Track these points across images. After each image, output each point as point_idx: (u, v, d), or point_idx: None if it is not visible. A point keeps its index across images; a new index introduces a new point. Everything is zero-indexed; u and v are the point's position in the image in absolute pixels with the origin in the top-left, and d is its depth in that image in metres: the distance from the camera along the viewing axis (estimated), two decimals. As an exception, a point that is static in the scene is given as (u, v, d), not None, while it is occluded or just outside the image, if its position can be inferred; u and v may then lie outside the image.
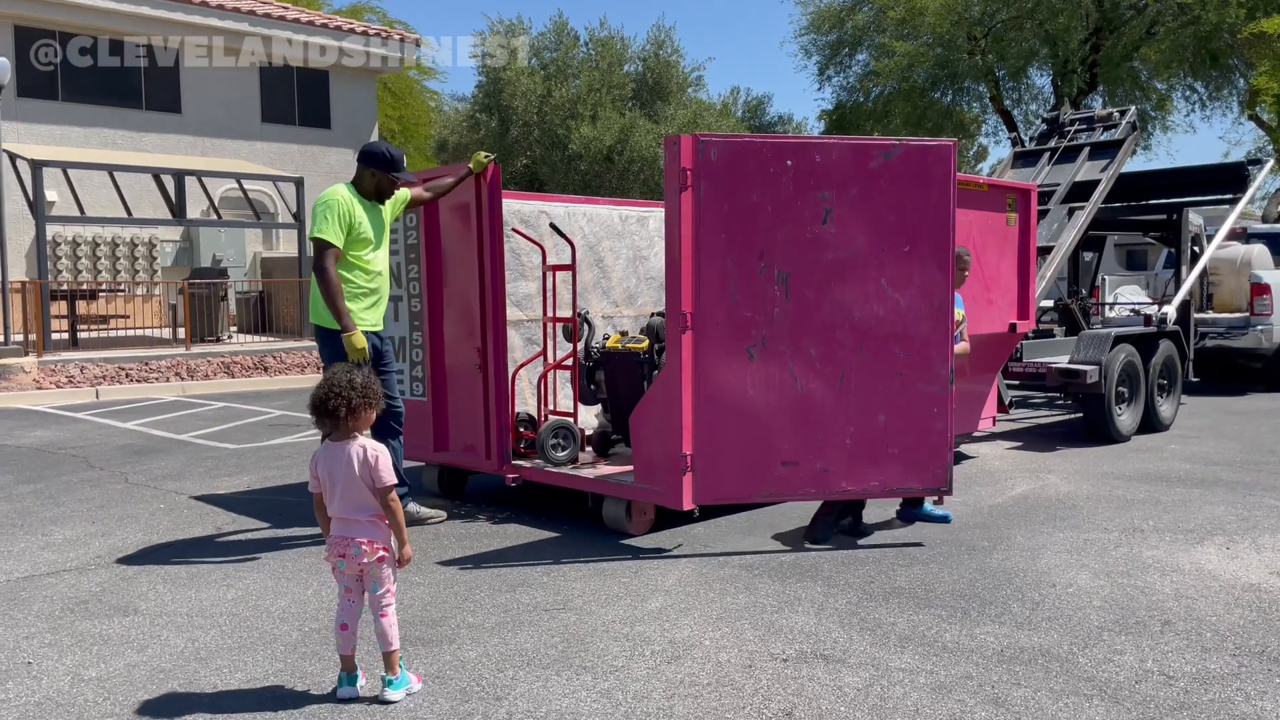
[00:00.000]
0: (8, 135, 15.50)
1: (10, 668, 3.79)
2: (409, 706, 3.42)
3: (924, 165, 5.24)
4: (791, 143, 5.36)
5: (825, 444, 5.27)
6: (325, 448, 3.56)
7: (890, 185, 5.20)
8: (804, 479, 5.29)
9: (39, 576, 4.97)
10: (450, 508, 6.28)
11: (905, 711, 3.36)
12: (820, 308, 5.22)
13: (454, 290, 6.29)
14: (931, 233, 5.24)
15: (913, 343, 5.27)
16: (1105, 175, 9.87)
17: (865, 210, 5.20)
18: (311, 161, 20.83)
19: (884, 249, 5.23)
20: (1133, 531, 5.70)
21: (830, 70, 29.20)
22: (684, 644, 3.97)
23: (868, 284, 5.24)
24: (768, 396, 5.20)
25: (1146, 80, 25.71)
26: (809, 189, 5.15)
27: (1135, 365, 8.85)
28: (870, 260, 5.23)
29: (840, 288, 5.22)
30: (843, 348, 5.24)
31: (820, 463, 5.27)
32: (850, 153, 5.21)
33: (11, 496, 6.83)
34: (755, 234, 5.14)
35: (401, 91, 32.36)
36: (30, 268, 17.05)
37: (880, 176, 5.20)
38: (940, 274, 5.26)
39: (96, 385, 12.89)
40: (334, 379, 3.51)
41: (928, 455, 5.35)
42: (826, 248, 5.20)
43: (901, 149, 5.24)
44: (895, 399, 5.27)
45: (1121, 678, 3.62)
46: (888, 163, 5.20)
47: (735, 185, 5.10)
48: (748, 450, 5.22)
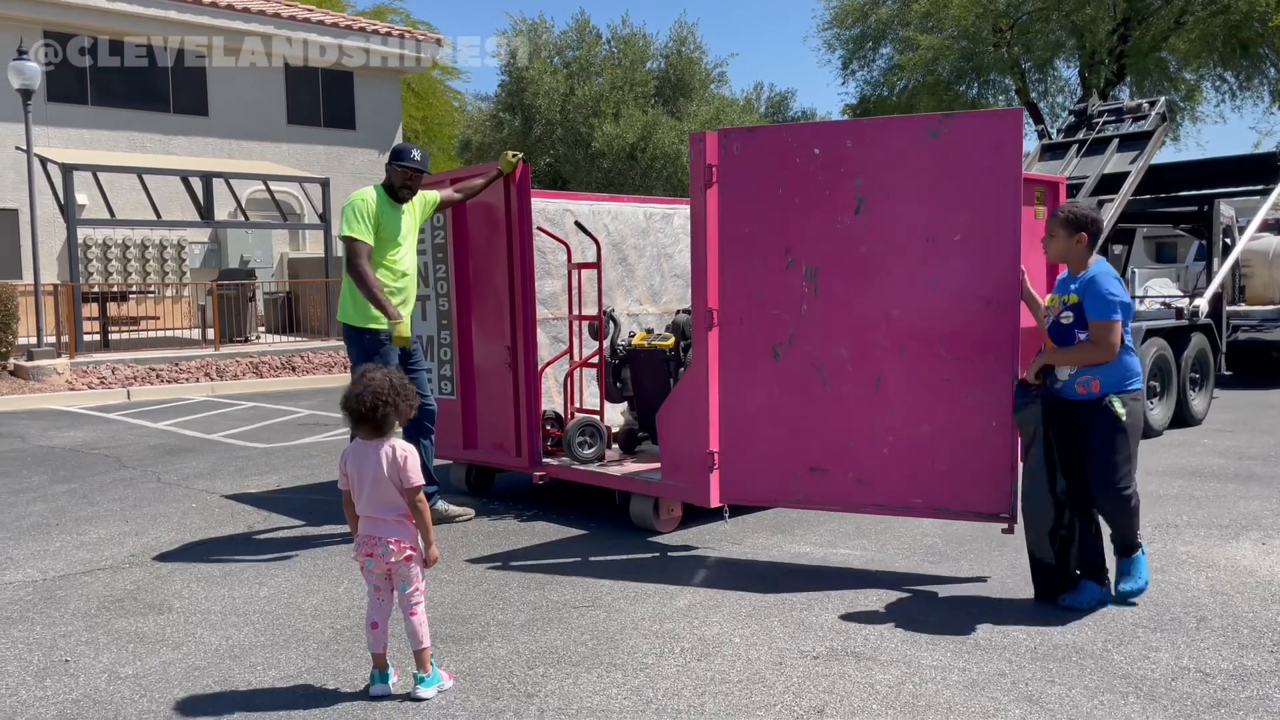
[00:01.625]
0: (38, 140, 15.70)
1: (48, 665, 3.84)
2: (441, 704, 3.43)
3: (981, 140, 4.59)
4: (819, 129, 5.01)
5: (858, 452, 4.87)
6: (355, 446, 3.59)
7: (937, 166, 4.64)
8: (836, 487, 4.94)
9: (75, 575, 5.04)
10: (479, 506, 6.31)
11: (938, 709, 3.34)
12: (852, 305, 4.83)
13: (483, 289, 6.31)
14: (992, 219, 4.58)
15: (964, 345, 4.65)
16: (1134, 167, 9.75)
17: (907, 197, 4.71)
18: (337, 162, 20.97)
19: (929, 239, 4.67)
20: (1166, 527, 5.63)
21: (854, 64, 29.06)
22: (713, 641, 3.96)
23: (908, 279, 4.74)
24: (795, 397, 4.94)
25: (1175, 71, 25.40)
26: (840, 177, 4.79)
27: (1167, 359, 8.75)
28: (911, 253, 4.72)
29: (876, 284, 4.79)
30: (878, 349, 4.79)
31: (853, 471, 4.88)
32: (888, 133, 4.77)
33: (47, 496, 6.92)
34: (782, 228, 4.92)
35: (425, 92, 32.51)
36: (62, 270, 17.28)
37: (924, 157, 4.67)
38: (1005, 267, 4.58)
39: (128, 386, 13.04)
40: (372, 383, 3.49)
41: (984, 473, 4.67)
42: (860, 240, 4.80)
43: (952, 122, 4.66)
44: (943, 408, 4.69)
45: (1157, 675, 3.59)
46: (933, 141, 4.65)
47: (760, 178, 4.97)
48: (774, 451, 5.02)
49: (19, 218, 17.55)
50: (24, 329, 13.96)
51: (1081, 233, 4.28)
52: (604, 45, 27.44)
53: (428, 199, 5.85)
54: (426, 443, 5.82)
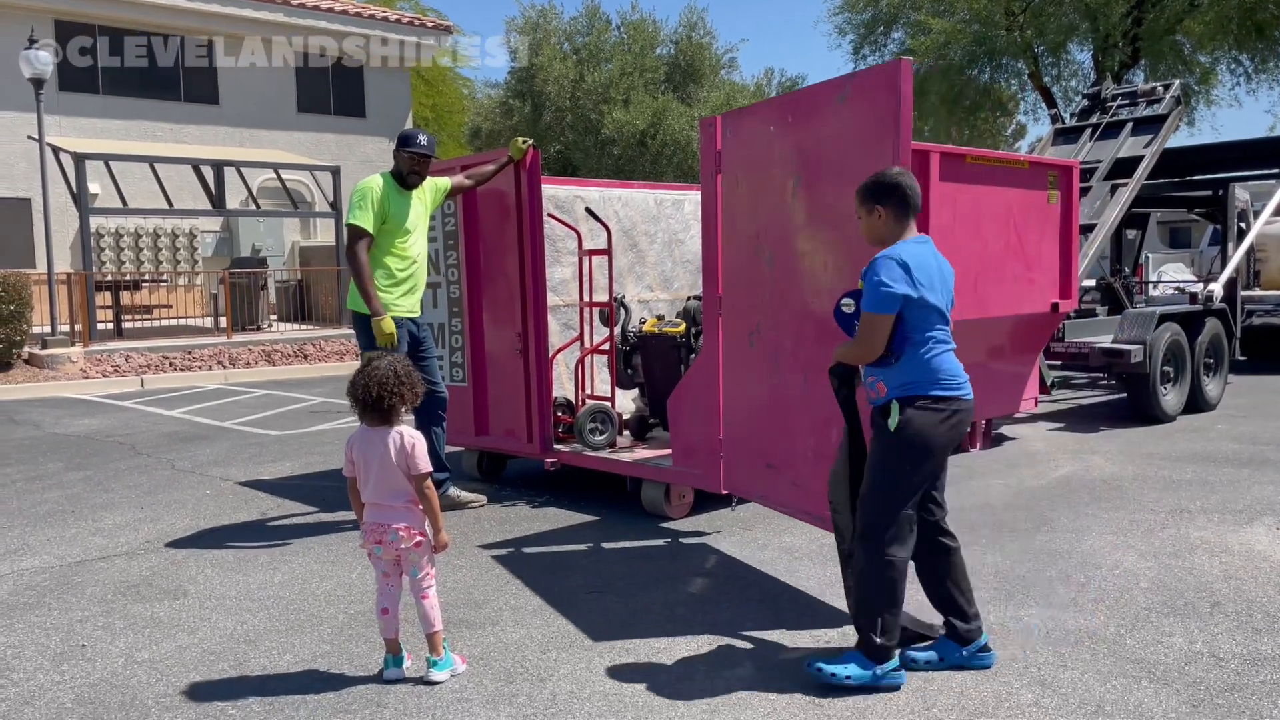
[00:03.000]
0: (50, 129, 15.75)
1: (66, 650, 3.88)
2: (454, 687, 3.45)
3: (871, 99, 3.96)
4: (774, 104, 4.62)
5: (792, 452, 4.46)
6: (361, 432, 3.58)
7: (847, 133, 4.09)
8: (782, 488, 4.58)
9: (91, 561, 5.08)
10: (490, 492, 6.32)
11: (950, 692, 3.34)
12: (790, 292, 4.42)
13: (494, 276, 6.31)
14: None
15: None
16: (1149, 151, 9.68)
17: (823, 171, 4.21)
18: (347, 150, 20.98)
19: (841, 219, 4.03)
20: (1180, 512, 5.62)
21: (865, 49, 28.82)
22: (725, 626, 3.97)
23: (824, 265, 4.24)
24: (760, 389, 4.71)
25: (1190, 54, 25.14)
26: (783, 155, 4.42)
27: (1181, 344, 8.70)
28: (827, 235, 4.22)
29: (802, 270, 4.35)
30: (806, 339, 4.34)
31: (791, 473, 4.50)
32: (810, 102, 4.29)
33: (62, 483, 6.97)
34: (753, 211, 4.69)
35: (435, 79, 32.46)
36: (75, 259, 17.35)
37: (836, 125, 4.14)
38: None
39: (141, 374, 13.11)
40: (377, 372, 3.49)
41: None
42: (794, 223, 4.37)
43: (853, 83, 4.10)
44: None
45: (1170, 660, 3.58)
46: (842, 106, 4.09)
47: (742, 161, 4.78)
48: (750, 444, 4.85)
49: (32, 207, 17.62)
50: (38, 318, 14.03)
51: (878, 205, 3.46)
52: (614, 31, 27.35)
53: (439, 185, 5.84)
54: (438, 430, 5.83)
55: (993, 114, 30.88)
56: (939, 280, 3.41)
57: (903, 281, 3.32)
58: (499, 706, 3.31)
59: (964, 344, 7.18)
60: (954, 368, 3.44)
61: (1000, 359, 7.38)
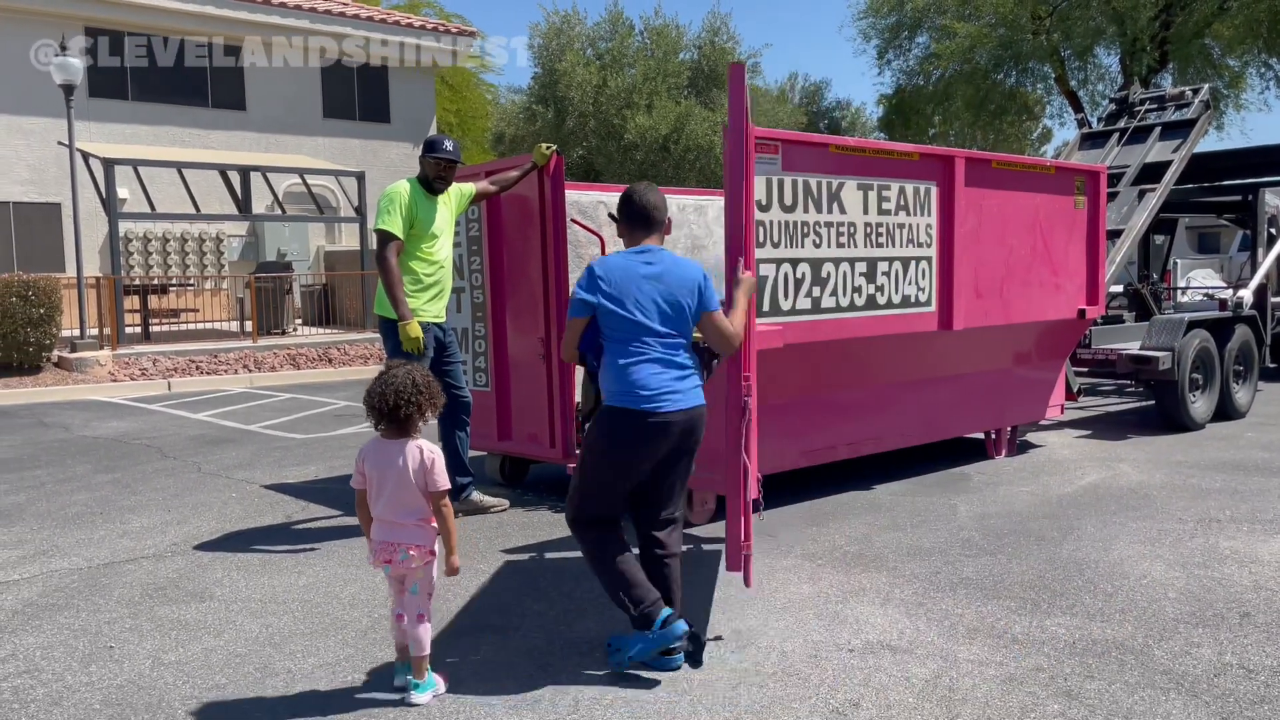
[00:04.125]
0: (80, 135, 15.95)
1: (93, 651, 3.92)
2: (478, 692, 3.46)
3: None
4: None
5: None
6: (376, 444, 3.42)
7: None
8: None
9: (118, 563, 5.13)
10: (513, 497, 6.34)
11: (975, 703, 3.31)
12: None
13: (517, 281, 6.33)
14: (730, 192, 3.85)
15: None
16: (1177, 156, 9.59)
17: None
18: (372, 156, 21.12)
19: None
20: (1209, 522, 5.55)
21: (890, 54, 28.77)
22: (748, 633, 3.96)
23: None
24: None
25: (1219, 58, 24.90)
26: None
27: (1210, 351, 8.61)
28: None
29: None
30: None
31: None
32: None
33: (91, 485, 7.05)
34: None
35: (459, 84, 32.63)
36: (104, 264, 17.55)
37: None
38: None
39: (168, 377, 13.24)
40: (395, 381, 3.35)
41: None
42: None
43: None
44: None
45: (1199, 671, 3.53)
46: None
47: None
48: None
49: (62, 211, 17.86)
50: (67, 321, 14.21)
51: (617, 223, 3.75)
52: (637, 37, 27.42)
53: (464, 191, 5.87)
54: (462, 434, 5.86)
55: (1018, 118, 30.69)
56: (643, 291, 3.46)
57: (586, 288, 3.47)
58: (522, 712, 3.31)
59: (990, 350, 7.18)
60: (645, 380, 3.44)
61: (1026, 365, 7.33)
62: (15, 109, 17.59)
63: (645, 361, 3.46)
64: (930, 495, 6.26)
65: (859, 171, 5.75)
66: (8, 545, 5.50)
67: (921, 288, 6.17)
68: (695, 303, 3.55)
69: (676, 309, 3.51)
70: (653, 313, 3.47)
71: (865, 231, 5.82)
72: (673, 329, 3.51)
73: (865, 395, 6.27)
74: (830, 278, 5.66)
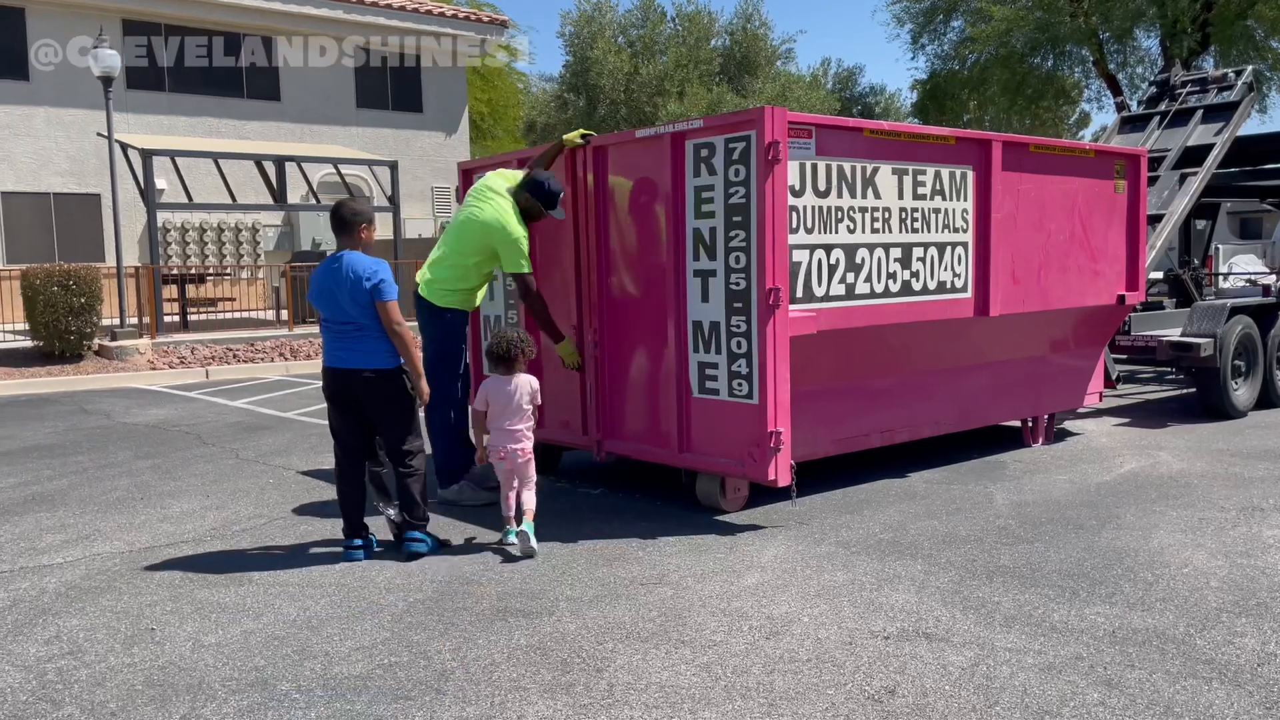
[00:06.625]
0: (119, 126, 16.15)
1: (135, 633, 3.98)
2: (512, 676, 3.47)
3: None
4: None
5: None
6: (494, 379, 5.02)
7: None
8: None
9: (159, 547, 5.21)
10: (545, 484, 6.34)
11: (1013, 691, 3.28)
12: None
13: (549, 269, 6.33)
14: None
15: None
16: (1219, 139, 9.41)
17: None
18: (405, 145, 21.22)
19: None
20: (1251, 510, 5.46)
21: (924, 38, 28.44)
22: (782, 620, 3.95)
23: None
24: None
25: (1262, 39, 24.40)
26: None
27: (1253, 338, 8.46)
28: None
29: None
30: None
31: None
32: None
33: (132, 471, 7.16)
34: None
35: (490, 74, 32.63)
36: (143, 253, 17.80)
37: None
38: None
39: (206, 365, 13.41)
40: (507, 335, 5.06)
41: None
42: None
43: None
44: None
45: (1242, 660, 3.48)
46: None
47: None
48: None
49: (101, 202, 18.11)
50: (107, 310, 14.41)
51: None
52: (668, 23, 27.35)
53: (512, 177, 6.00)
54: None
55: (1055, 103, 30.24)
56: (319, 289, 4.83)
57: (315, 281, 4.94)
58: (556, 696, 3.32)
59: (1027, 336, 7.09)
60: (329, 346, 4.90)
61: (1064, 352, 7.23)
62: (55, 101, 17.85)
63: (329, 335, 4.95)
64: (966, 483, 6.21)
65: (894, 156, 5.69)
66: (51, 529, 5.61)
67: (958, 274, 6.10)
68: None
69: (331, 301, 4.85)
70: (327, 305, 4.87)
71: (900, 216, 5.76)
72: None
73: (899, 382, 6.22)
74: (865, 263, 5.62)
